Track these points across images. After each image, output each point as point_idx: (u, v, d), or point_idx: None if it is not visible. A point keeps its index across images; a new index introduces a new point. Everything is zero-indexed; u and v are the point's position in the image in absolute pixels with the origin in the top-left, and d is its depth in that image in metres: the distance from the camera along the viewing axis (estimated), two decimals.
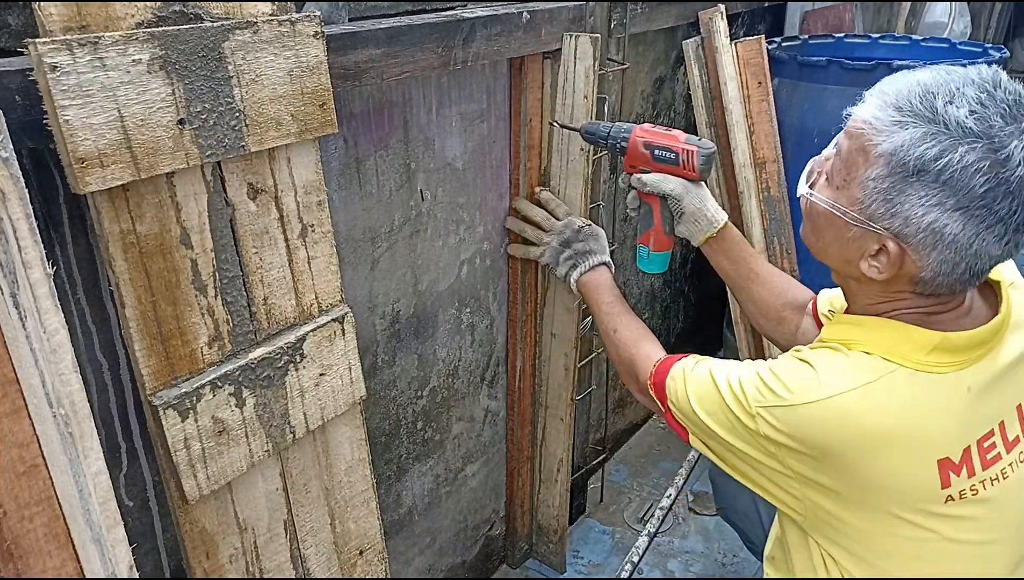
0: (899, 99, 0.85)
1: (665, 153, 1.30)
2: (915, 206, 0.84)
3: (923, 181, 0.83)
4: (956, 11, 3.39)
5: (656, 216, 1.34)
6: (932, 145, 0.82)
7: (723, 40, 1.94)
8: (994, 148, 0.80)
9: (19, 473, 0.75)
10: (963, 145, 0.80)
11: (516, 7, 1.40)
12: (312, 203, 1.05)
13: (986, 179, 0.80)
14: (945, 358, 0.91)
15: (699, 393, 1.03)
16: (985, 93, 0.82)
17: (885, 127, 0.85)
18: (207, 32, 0.86)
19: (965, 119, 0.81)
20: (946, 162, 0.81)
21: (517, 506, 1.91)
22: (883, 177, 0.86)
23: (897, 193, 0.85)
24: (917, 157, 0.82)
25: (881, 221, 0.88)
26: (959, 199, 0.82)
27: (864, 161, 0.88)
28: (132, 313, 0.88)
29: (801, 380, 0.93)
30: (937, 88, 0.84)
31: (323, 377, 1.10)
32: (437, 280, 1.50)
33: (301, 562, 1.16)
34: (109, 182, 0.81)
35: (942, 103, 0.82)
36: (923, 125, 0.83)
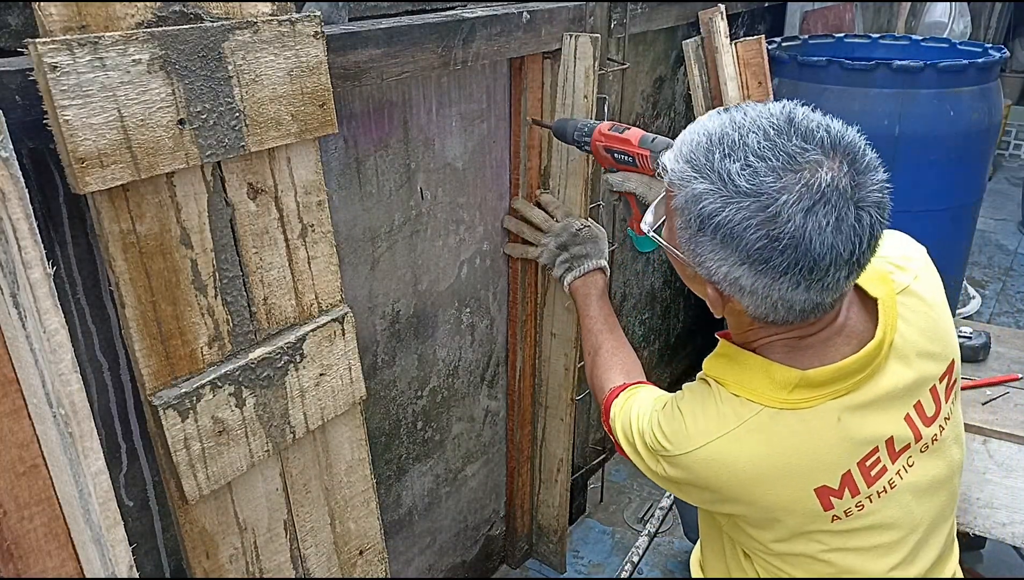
0: (689, 152, 0.85)
1: (624, 156, 1.32)
2: (709, 259, 0.85)
3: (707, 236, 0.83)
4: (956, 11, 3.39)
5: (633, 206, 1.38)
6: (709, 202, 0.81)
7: (723, 40, 1.94)
8: (763, 205, 0.79)
9: (19, 473, 0.75)
10: (733, 203, 0.80)
11: (516, 7, 1.40)
12: (312, 203, 1.05)
13: (758, 236, 0.79)
14: (808, 393, 0.91)
15: (624, 433, 1.09)
16: (767, 141, 0.80)
17: (678, 180, 0.85)
18: (207, 32, 0.86)
19: (737, 176, 0.79)
20: (720, 220, 0.81)
21: (517, 506, 1.91)
22: (683, 229, 0.87)
23: (695, 245, 0.86)
24: (697, 215, 0.83)
25: (696, 267, 0.89)
26: (739, 255, 0.82)
27: (670, 211, 0.90)
28: (132, 313, 0.88)
29: (675, 432, 0.98)
30: (720, 140, 0.82)
31: (323, 377, 1.10)
32: (437, 280, 1.50)
33: (301, 562, 1.16)
34: (109, 182, 0.81)
35: (719, 157, 0.81)
36: (704, 181, 0.82)
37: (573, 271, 1.45)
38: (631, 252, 2.23)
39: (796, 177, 0.78)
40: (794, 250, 0.79)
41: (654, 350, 2.53)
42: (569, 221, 1.50)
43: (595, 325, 1.36)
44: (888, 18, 3.31)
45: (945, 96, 1.97)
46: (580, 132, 1.37)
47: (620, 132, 1.32)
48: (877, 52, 2.43)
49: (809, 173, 0.79)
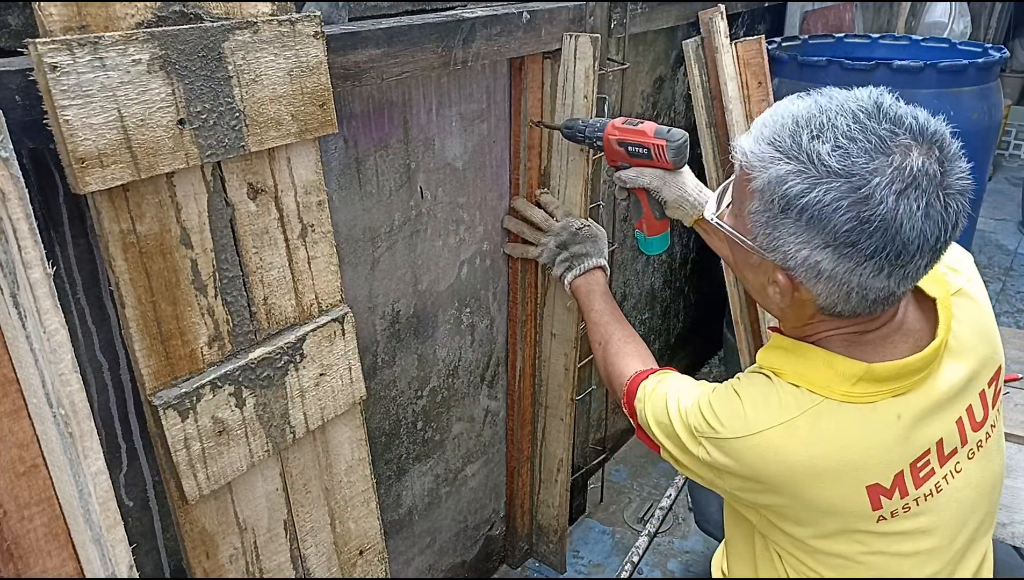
0: (773, 134, 0.84)
1: (638, 148, 1.31)
2: (789, 242, 0.84)
3: (791, 218, 0.82)
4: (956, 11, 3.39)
5: (644, 205, 1.37)
6: (796, 183, 0.80)
7: (723, 40, 1.94)
8: (855, 186, 0.78)
9: (19, 473, 0.76)
10: (822, 184, 0.79)
11: (516, 7, 1.40)
12: (312, 203, 1.05)
13: (847, 218, 0.78)
14: (871, 388, 0.90)
15: (656, 415, 1.06)
16: (857, 124, 0.80)
17: (759, 162, 0.84)
18: (207, 32, 0.86)
19: (828, 157, 0.79)
20: (807, 201, 0.80)
21: (517, 506, 1.91)
22: (760, 212, 0.85)
23: (772, 229, 0.85)
24: (782, 195, 0.82)
25: (769, 252, 0.87)
26: (825, 237, 0.81)
27: (748, 195, 0.87)
28: (132, 313, 0.88)
29: (731, 415, 0.94)
30: (808, 121, 0.82)
31: (323, 377, 1.10)
32: (437, 280, 1.50)
33: (301, 562, 1.16)
34: (109, 182, 0.81)
35: (807, 138, 0.80)
36: (790, 162, 0.81)
37: (573, 270, 1.45)
38: (631, 252, 2.23)
39: (888, 160, 0.78)
40: (883, 234, 0.78)
41: (654, 350, 2.53)
42: (569, 221, 1.50)
43: (601, 318, 1.35)
44: (888, 18, 3.31)
45: (945, 96, 1.97)
46: (592, 128, 1.36)
47: (634, 125, 1.32)
48: (877, 52, 2.43)
49: (900, 156, 0.78)
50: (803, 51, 2.33)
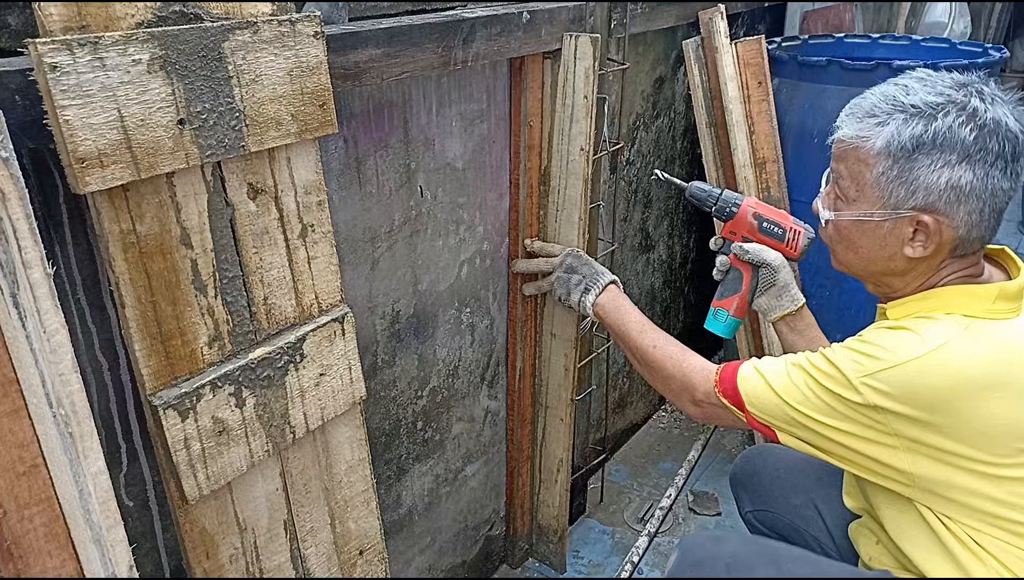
0: (869, 111, 1.01)
1: (773, 227, 1.38)
2: (929, 174, 0.96)
3: (924, 152, 0.96)
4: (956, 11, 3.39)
5: (745, 283, 1.39)
6: (915, 124, 0.97)
7: (723, 40, 1.94)
8: (962, 107, 0.96)
9: (19, 473, 0.76)
10: (939, 114, 0.96)
11: (516, 7, 1.40)
12: (312, 203, 1.05)
13: (970, 128, 0.95)
14: (1006, 305, 1.00)
15: (783, 385, 1.05)
16: (928, 77, 1.01)
17: (870, 132, 1.00)
18: (207, 32, 0.86)
19: (929, 97, 0.98)
20: (934, 130, 0.96)
21: (517, 506, 1.91)
22: (890, 167, 0.99)
23: (908, 172, 0.98)
24: (910, 137, 0.97)
25: (906, 204, 0.99)
26: (959, 152, 0.95)
27: (867, 166, 1.01)
28: (132, 313, 0.88)
29: (902, 341, 0.98)
30: (892, 91, 1.01)
31: (323, 377, 1.10)
32: (437, 280, 1.50)
33: (301, 562, 1.16)
34: (109, 182, 0.81)
35: (903, 96, 0.99)
36: (900, 116, 0.98)
37: (592, 290, 1.44)
38: (631, 252, 2.23)
39: (968, 89, 0.98)
40: (998, 135, 0.95)
41: None
42: (568, 248, 1.53)
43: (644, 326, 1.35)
44: (888, 18, 3.31)
45: None
46: (727, 196, 1.41)
47: (774, 207, 1.40)
48: (877, 52, 2.43)
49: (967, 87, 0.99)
50: (803, 51, 2.33)
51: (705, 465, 2.33)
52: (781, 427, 1.07)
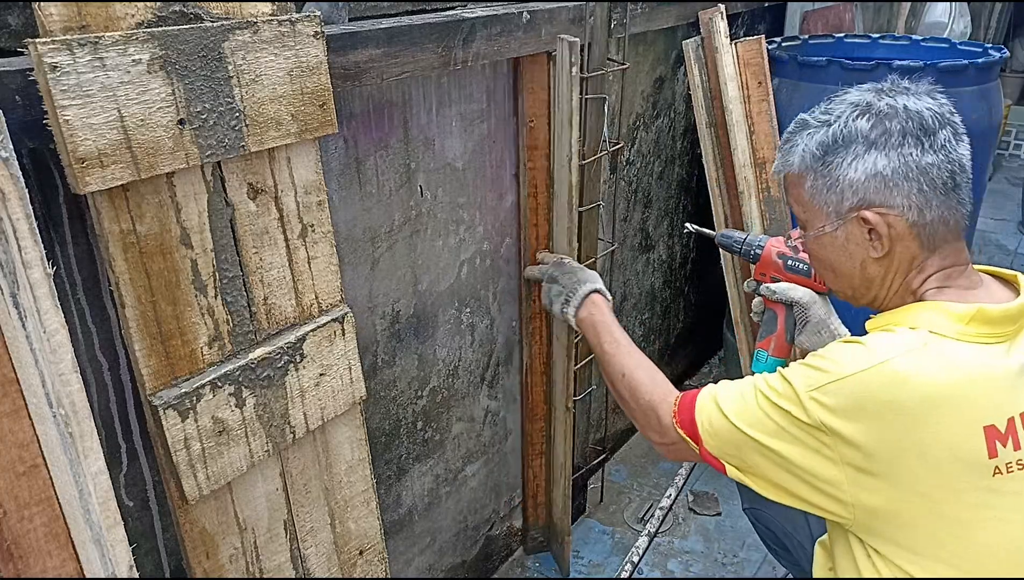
0: (785, 141, 1.09)
1: (798, 264, 1.37)
2: (845, 172, 1.00)
3: (834, 153, 1.01)
4: (956, 11, 3.39)
5: (780, 323, 1.38)
6: (818, 134, 1.03)
7: (723, 40, 1.94)
8: (855, 105, 1.01)
9: (19, 473, 0.76)
10: (833, 118, 1.02)
11: (516, 7, 1.40)
12: (312, 203, 1.05)
13: (865, 119, 0.99)
14: (984, 329, 0.95)
15: (735, 408, 1.02)
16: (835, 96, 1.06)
17: (789, 156, 1.07)
18: (207, 32, 0.86)
19: (827, 109, 1.04)
20: (834, 131, 1.01)
21: (530, 496, 1.93)
22: (814, 179, 1.03)
23: (828, 177, 1.02)
24: (817, 145, 1.02)
25: (843, 206, 1.01)
26: (862, 142, 0.98)
27: (799, 187, 1.06)
28: (132, 313, 0.88)
29: (851, 354, 0.96)
30: (804, 116, 1.08)
31: (323, 377, 1.10)
32: (437, 280, 1.50)
33: (301, 562, 1.16)
34: (109, 182, 0.81)
35: (808, 116, 1.06)
36: (804, 132, 1.05)
37: (571, 301, 1.42)
38: (631, 252, 2.23)
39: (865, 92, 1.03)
40: (895, 115, 0.98)
41: (654, 350, 2.53)
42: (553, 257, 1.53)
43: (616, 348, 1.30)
44: (888, 18, 3.31)
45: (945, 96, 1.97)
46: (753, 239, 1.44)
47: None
48: (877, 52, 2.42)
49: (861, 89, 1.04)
50: (803, 51, 2.33)
51: (705, 465, 2.33)
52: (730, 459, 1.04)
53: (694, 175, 2.42)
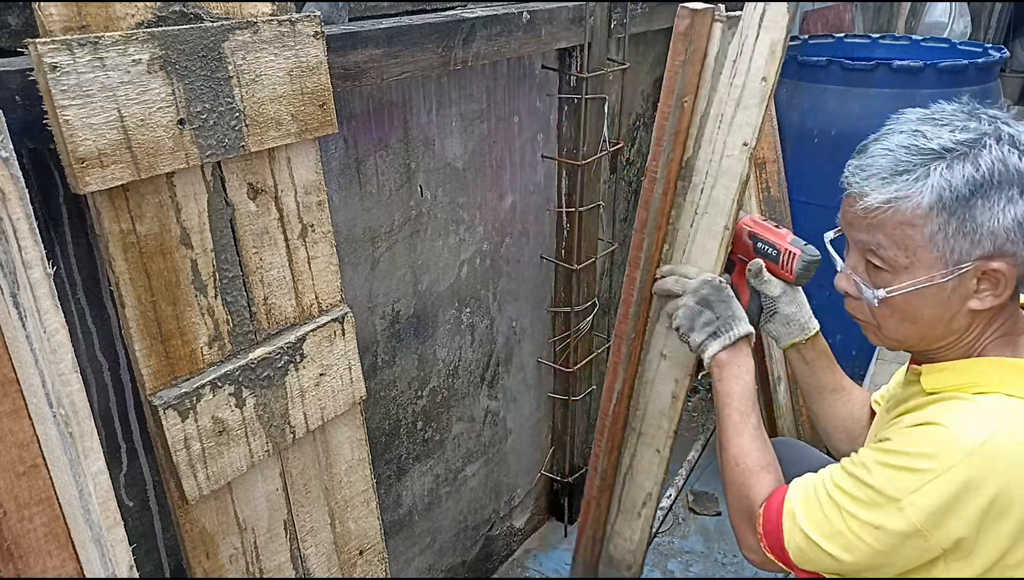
0: (893, 168, 0.89)
1: (767, 248, 1.27)
2: (992, 217, 0.86)
3: (983, 195, 0.86)
4: (956, 11, 3.39)
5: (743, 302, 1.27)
6: (963, 167, 0.86)
7: None
8: (997, 136, 0.86)
9: (19, 473, 0.76)
10: (982, 150, 0.85)
11: (516, 7, 1.40)
12: (312, 203, 1.05)
13: (1018, 155, 0.85)
14: None
15: (824, 532, 0.93)
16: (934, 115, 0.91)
17: (910, 190, 0.88)
18: (207, 32, 0.86)
19: (958, 136, 0.87)
20: (984, 170, 0.85)
21: (588, 536, 1.67)
22: (947, 221, 0.87)
23: (970, 221, 0.87)
24: (964, 182, 0.86)
25: (971, 255, 0.88)
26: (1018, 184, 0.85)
27: (915, 228, 0.89)
28: (132, 313, 0.88)
29: (937, 444, 0.86)
30: (908, 140, 0.89)
31: (323, 377, 1.10)
32: (437, 280, 1.50)
33: (301, 562, 1.16)
34: (109, 182, 0.81)
35: (926, 141, 0.88)
36: (939, 163, 0.87)
37: (720, 338, 1.20)
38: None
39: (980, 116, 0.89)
40: None
41: None
42: (706, 275, 1.27)
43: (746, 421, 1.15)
44: (888, 18, 3.31)
45: (945, 96, 1.97)
46: None
47: (773, 226, 1.28)
48: (877, 52, 2.43)
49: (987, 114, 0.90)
50: (803, 51, 2.33)
51: (705, 465, 2.32)
52: (830, 572, 0.97)
53: None
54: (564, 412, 1.99)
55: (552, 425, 2.03)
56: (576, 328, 1.86)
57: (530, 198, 1.68)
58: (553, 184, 1.74)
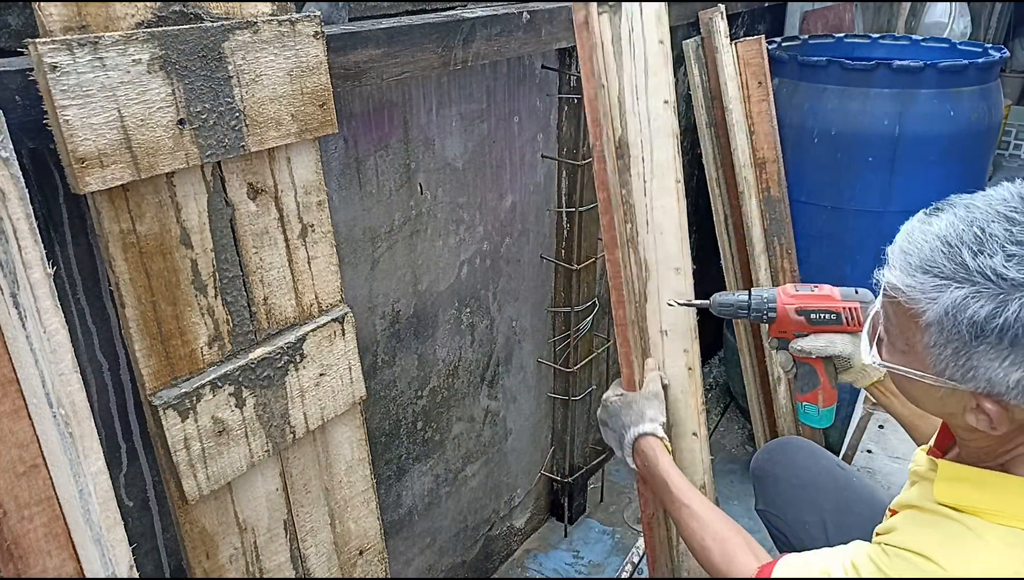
0: (923, 260, 0.77)
1: (824, 315, 1.19)
2: (992, 368, 0.75)
3: (987, 343, 0.74)
4: (956, 11, 3.39)
5: (821, 375, 1.22)
6: (980, 306, 0.73)
7: (723, 40, 1.94)
8: None
9: (19, 473, 0.76)
10: (1014, 299, 0.71)
11: (516, 7, 1.40)
12: (312, 203, 1.05)
13: None
14: None
15: None
16: (1017, 226, 0.73)
17: (921, 294, 0.77)
18: (207, 32, 0.86)
19: (1004, 269, 0.71)
20: (1003, 321, 0.72)
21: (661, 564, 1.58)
22: (943, 344, 0.77)
23: (966, 358, 0.76)
24: (969, 322, 0.73)
25: (965, 383, 0.77)
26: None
27: (916, 329, 0.79)
28: (132, 313, 0.88)
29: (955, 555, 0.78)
30: (959, 238, 0.75)
31: (323, 377, 1.10)
32: (437, 280, 1.50)
33: (301, 562, 1.16)
34: (109, 182, 0.81)
35: (970, 256, 0.73)
36: (961, 286, 0.74)
37: (624, 449, 1.26)
38: None
39: None
40: None
41: None
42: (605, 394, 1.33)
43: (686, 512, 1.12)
44: (888, 18, 3.31)
45: (945, 96, 1.97)
46: (759, 301, 1.22)
47: (811, 290, 1.20)
48: (877, 52, 2.42)
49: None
50: (803, 51, 2.33)
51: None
52: None
53: (694, 175, 2.42)
54: (564, 412, 1.99)
55: (552, 425, 2.03)
56: (576, 328, 1.86)
57: (530, 198, 1.68)
58: (553, 184, 1.74)
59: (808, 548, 1.31)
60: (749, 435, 2.37)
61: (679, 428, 1.46)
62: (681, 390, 1.45)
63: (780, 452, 1.47)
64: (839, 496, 1.34)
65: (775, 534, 1.46)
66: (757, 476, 1.48)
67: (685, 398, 1.46)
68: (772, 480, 1.44)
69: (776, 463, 1.44)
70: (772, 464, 1.45)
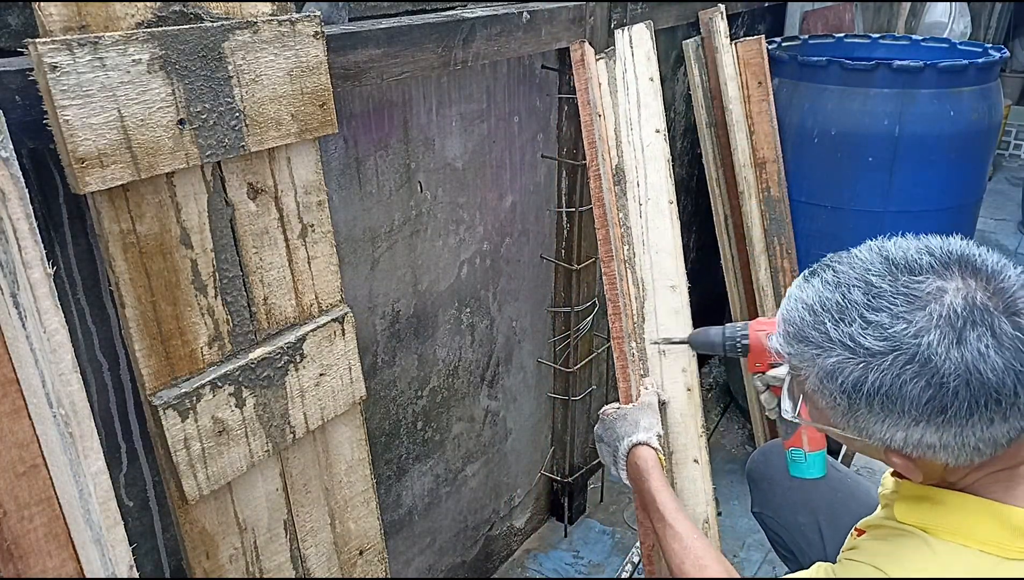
0: (797, 329, 0.78)
1: None
2: (878, 428, 0.75)
3: (865, 407, 0.74)
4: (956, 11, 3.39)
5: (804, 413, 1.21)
6: (848, 373, 0.73)
7: (723, 40, 1.94)
8: (908, 357, 0.70)
9: (19, 473, 0.76)
10: (873, 367, 0.71)
11: (516, 7, 1.40)
12: (312, 203, 1.05)
13: (919, 389, 0.70)
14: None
15: None
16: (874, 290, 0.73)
17: (800, 362, 0.78)
18: (207, 32, 0.86)
19: (861, 338, 0.72)
20: (868, 388, 0.72)
21: None
22: (832, 407, 0.77)
23: (854, 419, 0.76)
24: (841, 390, 0.74)
25: (867, 439, 0.78)
26: (911, 415, 0.72)
27: (808, 393, 0.81)
28: (132, 313, 0.88)
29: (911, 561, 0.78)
30: (823, 306, 0.75)
31: (323, 377, 1.10)
32: (437, 280, 1.50)
33: (301, 562, 1.16)
34: (109, 182, 0.81)
35: (832, 325, 0.74)
36: (829, 354, 0.74)
37: (617, 462, 1.26)
38: None
39: (926, 313, 0.70)
40: (967, 388, 0.69)
41: None
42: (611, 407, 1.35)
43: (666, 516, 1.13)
44: (888, 18, 3.31)
45: (945, 96, 1.97)
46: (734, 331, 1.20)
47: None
48: (877, 52, 2.43)
49: (937, 304, 0.70)
50: (803, 51, 2.33)
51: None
52: None
53: (694, 175, 2.42)
54: (564, 412, 1.99)
55: (552, 425, 2.03)
56: (576, 328, 1.86)
57: (530, 198, 1.68)
58: (553, 184, 1.74)
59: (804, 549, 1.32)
60: (749, 435, 2.37)
61: (679, 455, 1.43)
62: (680, 413, 1.43)
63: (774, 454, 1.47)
64: (833, 497, 1.35)
65: (771, 535, 1.47)
66: (752, 478, 1.49)
67: (685, 421, 1.43)
68: (767, 482, 1.44)
69: (770, 465, 1.45)
70: (766, 466, 1.46)
